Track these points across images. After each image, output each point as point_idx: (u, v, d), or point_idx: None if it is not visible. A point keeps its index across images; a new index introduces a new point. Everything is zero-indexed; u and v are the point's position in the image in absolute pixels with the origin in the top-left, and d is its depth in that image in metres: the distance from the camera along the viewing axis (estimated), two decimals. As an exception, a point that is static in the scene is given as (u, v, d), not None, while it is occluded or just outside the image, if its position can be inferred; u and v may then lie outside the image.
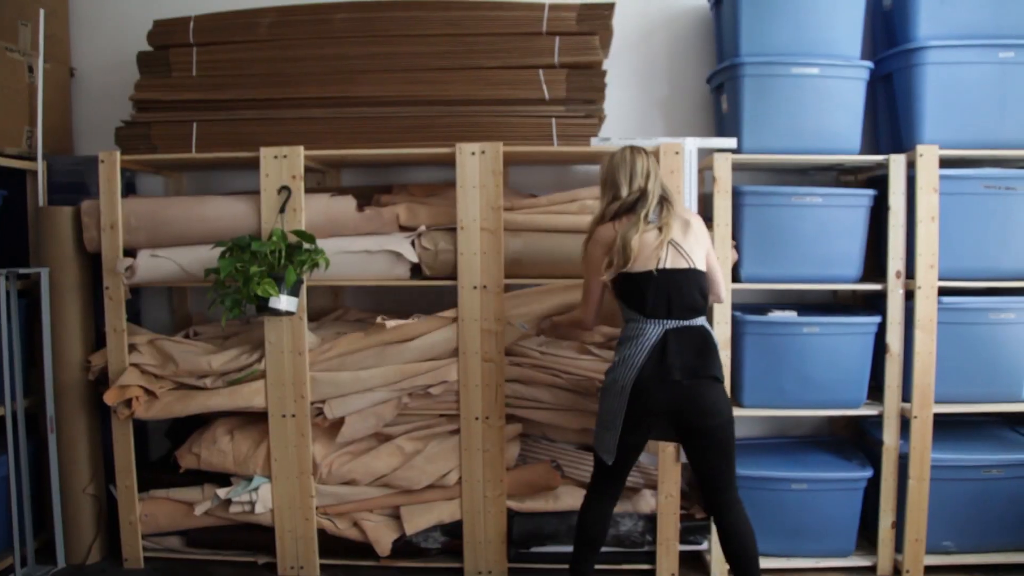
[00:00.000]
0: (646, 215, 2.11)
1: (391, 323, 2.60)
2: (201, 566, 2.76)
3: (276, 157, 2.61)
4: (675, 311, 2.09)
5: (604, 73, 2.74)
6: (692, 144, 2.57)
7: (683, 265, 2.11)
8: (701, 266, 2.15)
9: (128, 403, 2.62)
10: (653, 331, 2.09)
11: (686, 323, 2.10)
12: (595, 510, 2.23)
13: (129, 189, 3.03)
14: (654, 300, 2.09)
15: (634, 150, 2.20)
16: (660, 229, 2.10)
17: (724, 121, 2.81)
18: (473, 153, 2.56)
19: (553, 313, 2.56)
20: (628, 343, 2.13)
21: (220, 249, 2.52)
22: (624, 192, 2.15)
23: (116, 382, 2.63)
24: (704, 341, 2.11)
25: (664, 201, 2.15)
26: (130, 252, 2.70)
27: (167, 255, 2.69)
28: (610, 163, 2.20)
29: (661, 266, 2.09)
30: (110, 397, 2.62)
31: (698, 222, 2.21)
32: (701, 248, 2.17)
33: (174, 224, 2.70)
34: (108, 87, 3.13)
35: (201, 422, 2.83)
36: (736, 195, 2.63)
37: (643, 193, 2.13)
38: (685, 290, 2.10)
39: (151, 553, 2.78)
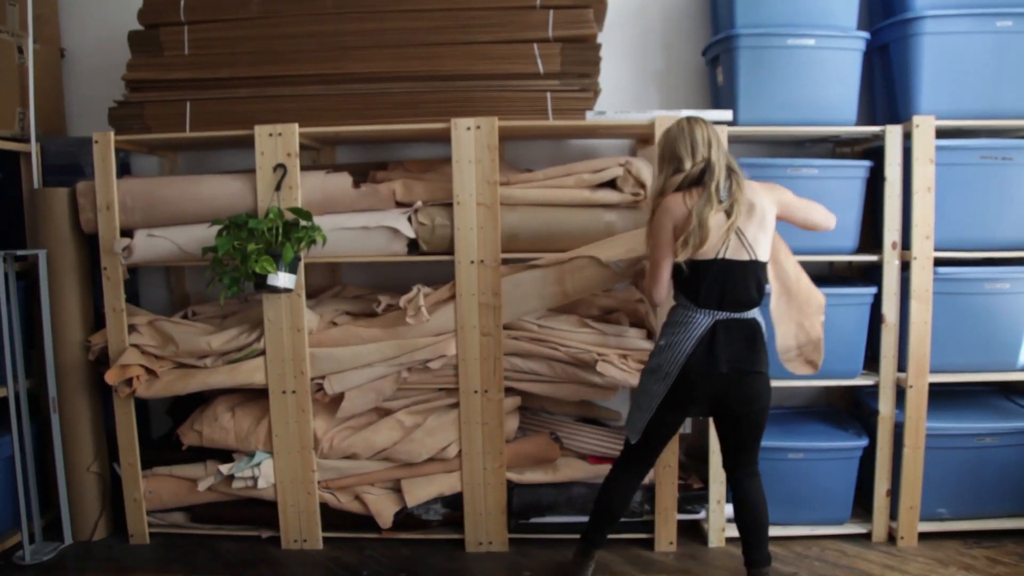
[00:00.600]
0: (717, 189, 2.03)
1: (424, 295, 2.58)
2: (206, 541, 2.80)
3: (271, 135, 2.61)
4: (727, 304, 2.07)
5: (599, 47, 2.73)
6: (688, 117, 2.56)
7: (744, 257, 2.06)
8: (763, 256, 2.10)
9: (129, 382, 2.64)
10: (703, 321, 2.07)
11: (736, 316, 2.08)
12: (619, 485, 2.26)
13: (123, 170, 3.02)
14: (708, 290, 2.06)
15: (691, 120, 2.11)
16: (728, 212, 2.03)
17: (720, 94, 2.80)
18: (468, 128, 2.55)
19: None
20: (676, 328, 2.11)
21: (217, 227, 2.52)
22: (688, 164, 2.06)
23: (117, 361, 2.65)
24: (753, 334, 2.10)
25: (732, 173, 2.07)
26: (127, 233, 2.70)
27: (164, 235, 2.69)
28: (667, 137, 2.13)
29: (721, 256, 2.05)
30: (111, 376, 2.64)
31: (764, 197, 2.11)
32: (766, 234, 2.10)
33: (170, 204, 2.70)
34: (99, 67, 3.11)
35: (202, 400, 2.86)
36: (732, 167, 2.63)
37: (708, 164, 2.05)
38: (741, 284, 2.06)
39: (156, 529, 2.82)
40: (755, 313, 2.12)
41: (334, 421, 2.70)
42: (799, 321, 2.40)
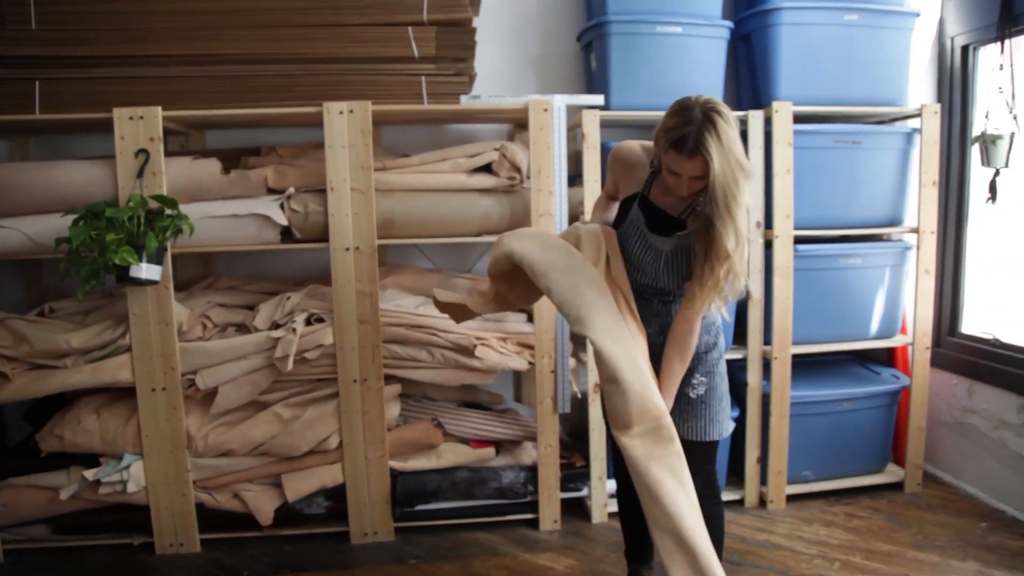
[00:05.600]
0: None
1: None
2: (72, 553, 2.62)
3: (131, 118, 2.46)
4: None
5: (474, 31, 2.72)
6: (561, 101, 2.60)
7: None
8: None
9: (-25, 386, 2.45)
10: None
11: None
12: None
13: (-33, 156, 2.79)
14: None
15: None
16: None
17: (594, 79, 2.86)
18: (341, 112, 2.49)
19: None
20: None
21: (72, 217, 2.37)
22: None
23: (-40, 364, 2.45)
24: None
25: None
26: (-31, 224, 2.50)
27: (13, 225, 2.49)
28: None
29: None
30: (-46, 381, 2.43)
31: None
32: None
33: (20, 191, 2.50)
34: (-66, 43, 2.84)
35: (64, 403, 2.68)
36: (605, 151, 2.68)
37: None
38: None
39: (12, 545, 2.61)
40: None
41: (208, 417, 2.59)
42: None
